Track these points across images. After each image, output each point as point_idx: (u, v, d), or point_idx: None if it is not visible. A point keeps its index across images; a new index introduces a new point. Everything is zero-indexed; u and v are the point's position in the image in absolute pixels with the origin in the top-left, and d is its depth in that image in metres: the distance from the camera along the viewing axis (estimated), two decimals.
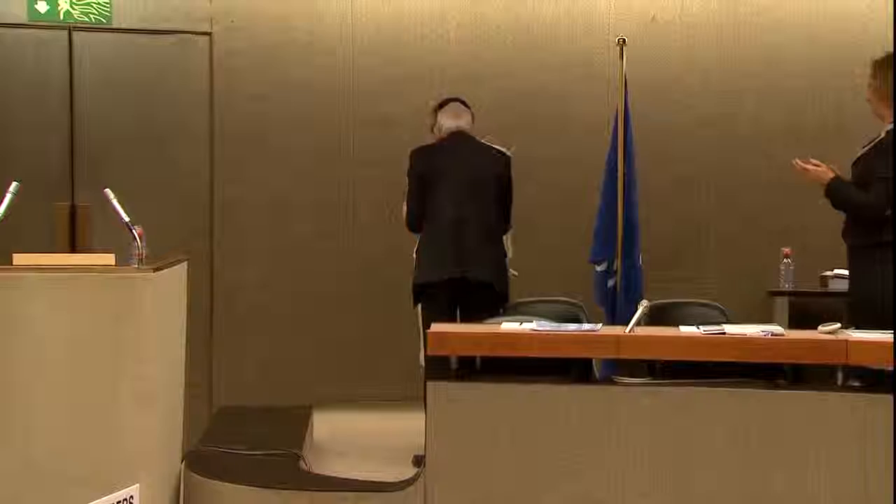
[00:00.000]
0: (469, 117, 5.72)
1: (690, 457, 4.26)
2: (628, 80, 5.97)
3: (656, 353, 4.39)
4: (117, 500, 4.08)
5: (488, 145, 5.72)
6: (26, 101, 6.53)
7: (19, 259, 4.38)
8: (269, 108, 6.80)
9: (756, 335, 4.33)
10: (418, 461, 5.27)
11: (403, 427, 5.86)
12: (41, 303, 4.08)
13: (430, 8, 6.93)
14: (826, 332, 4.33)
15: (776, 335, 4.32)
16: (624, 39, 6.01)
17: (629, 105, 5.99)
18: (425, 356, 4.70)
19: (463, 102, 5.75)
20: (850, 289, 4.96)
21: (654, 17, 7.01)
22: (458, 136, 5.66)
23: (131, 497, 4.11)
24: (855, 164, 4.92)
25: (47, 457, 4.04)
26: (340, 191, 6.86)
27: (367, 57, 6.88)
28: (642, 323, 4.53)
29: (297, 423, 5.74)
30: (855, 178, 4.88)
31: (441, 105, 5.73)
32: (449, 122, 5.68)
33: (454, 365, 4.52)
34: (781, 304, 6.62)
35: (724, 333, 4.37)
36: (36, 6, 6.53)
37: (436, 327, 4.57)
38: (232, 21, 6.76)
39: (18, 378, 4.04)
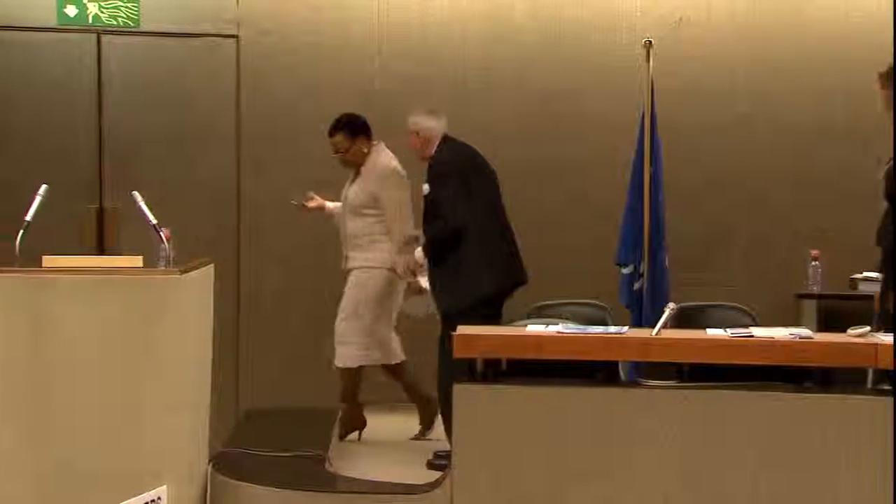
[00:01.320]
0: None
1: (718, 460, 4.23)
2: (655, 81, 5.95)
3: (683, 356, 4.36)
4: (145, 500, 4.10)
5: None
6: (55, 105, 6.58)
7: (49, 261, 4.41)
8: (295, 110, 6.81)
9: (784, 338, 4.30)
10: (432, 465, 5.30)
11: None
12: (70, 305, 4.11)
13: (457, 9, 6.93)
14: (855, 335, 4.29)
15: (805, 338, 4.30)
16: (650, 41, 6.00)
17: (655, 106, 5.98)
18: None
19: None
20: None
21: (680, 19, 6.98)
22: (450, 139, 5.64)
23: (159, 498, 4.13)
24: (885, 176, 4.83)
25: (77, 457, 4.07)
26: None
27: (393, 58, 6.88)
28: (669, 325, 4.51)
29: (322, 424, 5.76)
30: (888, 191, 4.76)
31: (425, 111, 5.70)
32: (441, 124, 5.66)
33: (480, 367, 4.52)
34: (810, 306, 6.58)
35: (751, 336, 4.34)
36: (65, 10, 6.58)
37: (462, 329, 4.57)
38: (259, 25, 6.78)
39: (48, 379, 4.07)
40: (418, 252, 5.59)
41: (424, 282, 5.72)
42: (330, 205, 6.13)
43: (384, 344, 5.83)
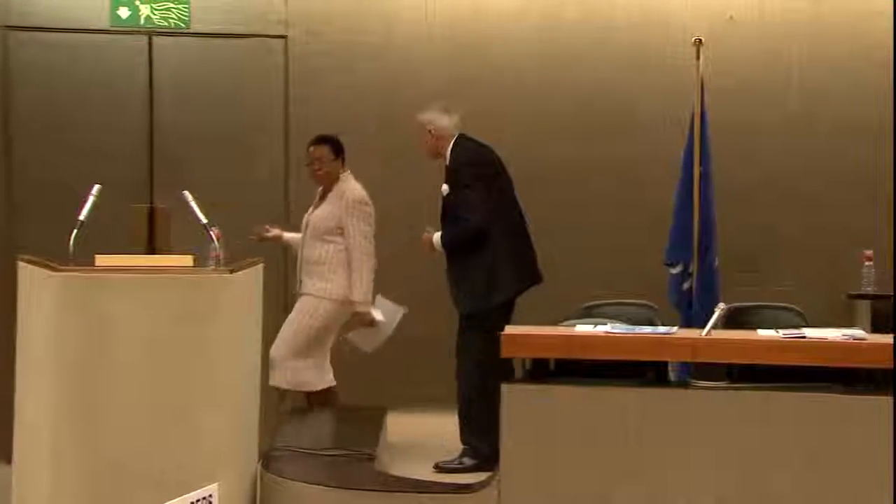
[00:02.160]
0: None
1: (767, 461, 4.20)
2: (705, 80, 5.91)
3: (734, 356, 4.34)
4: (197, 498, 4.13)
5: None
6: (108, 105, 6.65)
7: (101, 260, 4.46)
8: (343, 110, 6.83)
9: (837, 339, 4.25)
10: (439, 468, 5.34)
11: None
12: (122, 304, 4.15)
13: (505, 8, 6.92)
14: None
15: (858, 339, 4.24)
16: (700, 40, 5.96)
17: (706, 105, 5.94)
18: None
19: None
20: None
21: (731, 17, 6.93)
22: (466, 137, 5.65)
23: (210, 496, 4.16)
24: None
25: (129, 456, 4.10)
26: (412, 191, 6.87)
27: (440, 57, 6.89)
28: (719, 326, 4.47)
29: (370, 424, 5.77)
30: None
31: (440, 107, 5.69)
32: (454, 122, 5.65)
33: (528, 367, 4.51)
34: (863, 307, 6.50)
35: (804, 337, 4.30)
36: (118, 12, 6.65)
37: (510, 329, 4.56)
38: (308, 25, 6.81)
39: (99, 378, 4.10)
40: (436, 238, 5.53)
41: (378, 314, 5.78)
42: (287, 235, 6.11)
43: (319, 368, 5.84)
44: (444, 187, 5.55)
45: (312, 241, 5.80)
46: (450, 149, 5.59)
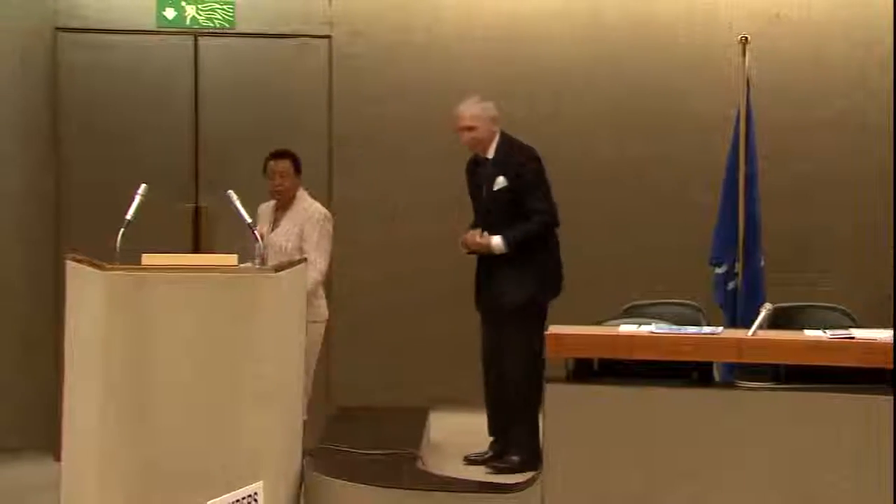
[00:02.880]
0: None
1: (814, 463, 4.16)
2: (751, 78, 5.86)
3: (781, 357, 4.30)
4: (242, 497, 4.15)
5: None
6: (154, 106, 6.71)
7: (148, 259, 4.50)
8: (386, 110, 6.85)
9: (886, 339, 4.20)
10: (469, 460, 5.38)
11: None
12: (167, 303, 4.17)
13: (548, 8, 6.90)
14: None
15: None
16: (746, 38, 5.90)
17: (751, 103, 5.89)
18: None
19: None
20: None
21: (778, 15, 6.86)
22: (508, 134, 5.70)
23: (255, 494, 4.18)
24: None
25: (173, 455, 4.13)
26: (456, 191, 6.85)
27: (483, 57, 6.87)
28: (765, 326, 4.44)
29: (414, 423, 5.78)
30: None
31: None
32: (497, 117, 5.69)
33: (571, 367, 4.50)
34: None
35: (852, 338, 4.25)
36: (164, 13, 6.71)
37: (554, 329, 4.55)
38: (352, 25, 6.83)
39: (145, 377, 4.14)
40: (496, 241, 5.52)
41: None
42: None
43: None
44: (501, 179, 5.55)
45: (279, 260, 5.27)
46: (495, 144, 5.61)
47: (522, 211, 5.52)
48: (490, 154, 5.64)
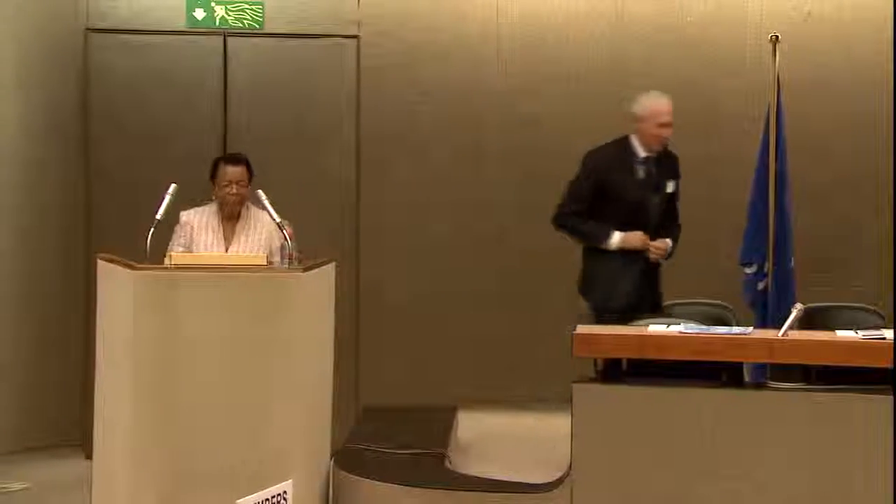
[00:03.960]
0: None
1: (845, 464, 4.13)
2: (781, 77, 5.82)
3: (812, 357, 4.27)
4: (271, 495, 4.17)
5: None
6: (183, 106, 6.74)
7: (177, 259, 4.53)
8: (415, 110, 6.85)
9: None
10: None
11: (547, 428, 5.84)
12: (197, 302, 4.20)
13: (576, 8, 6.87)
14: None
15: None
16: (777, 36, 5.87)
17: (782, 103, 5.85)
18: None
19: None
20: None
21: (809, 13, 6.81)
22: None
23: (285, 493, 4.20)
24: None
25: (203, 453, 4.15)
26: (483, 190, 6.87)
27: (511, 57, 6.86)
28: (795, 326, 4.41)
29: (441, 423, 5.78)
30: None
31: None
32: None
33: (600, 367, 4.49)
34: None
35: (884, 339, 4.22)
36: (193, 13, 6.74)
37: (581, 328, 4.54)
38: (380, 25, 6.84)
39: (175, 376, 4.16)
40: (669, 246, 5.55)
41: None
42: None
43: None
44: (672, 183, 5.63)
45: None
46: None
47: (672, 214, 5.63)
48: (652, 153, 5.58)
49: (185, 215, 5.12)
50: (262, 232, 5.10)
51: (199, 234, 5.09)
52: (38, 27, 6.53)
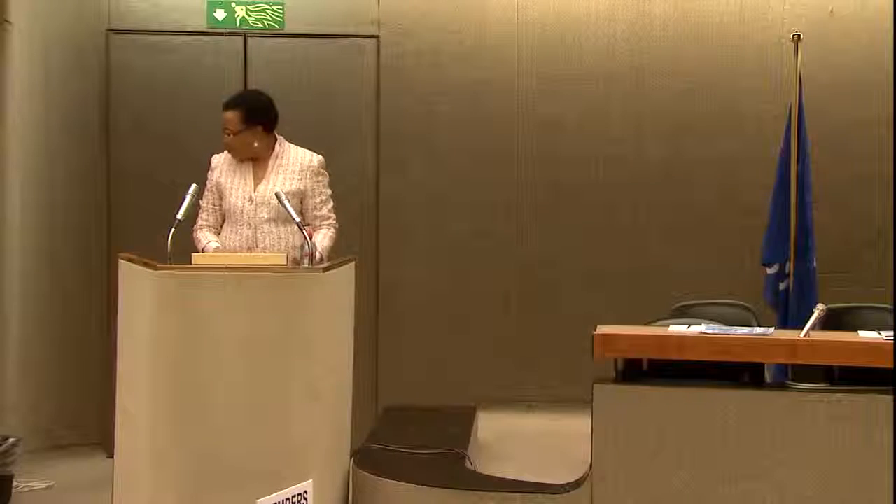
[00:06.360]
0: None
1: (867, 465, 4.10)
2: (803, 76, 5.79)
3: (834, 358, 4.25)
4: (291, 495, 4.17)
5: None
6: (204, 106, 6.74)
7: (198, 259, 4.54)
8: (435, 110, 6.85)
9: None
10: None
11: (567, 429, 5.83)
12: (217, 302, 4.20)
13: (596, 8, 6.86)
14: None
15: None
16: (799, 35, 5.84)
17: (803, 102, 5.82)
18: None
19: None
20: None
21: (832, 12, 6.78)
22: None
23: (305, 493, 4.20)
24: None
25: (224, 453, 4.16)
26: (502, 191, 6.86)
27: (531, 57, 6.85)
28: (817, 327, 4.38)
29: (461, 423, 5.78)
30: None
31: None
32: None
33: (620, 367, 4.47)
34: None
35: None
36: (214, 14, 6.76)
37: (601, 329, 4.53)
38: (399, 25, 6.84)
39: (196, 376, 4.17)
40: None
41: None
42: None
43: None
44: None
45: (270, 224, 4.94)
46: None
47: None
48: None
49: (215, 159, 5.15)
50: (292, 172, 5.04)
51: (227, 176, 5.06)
52: (59, 28, 6.56)
